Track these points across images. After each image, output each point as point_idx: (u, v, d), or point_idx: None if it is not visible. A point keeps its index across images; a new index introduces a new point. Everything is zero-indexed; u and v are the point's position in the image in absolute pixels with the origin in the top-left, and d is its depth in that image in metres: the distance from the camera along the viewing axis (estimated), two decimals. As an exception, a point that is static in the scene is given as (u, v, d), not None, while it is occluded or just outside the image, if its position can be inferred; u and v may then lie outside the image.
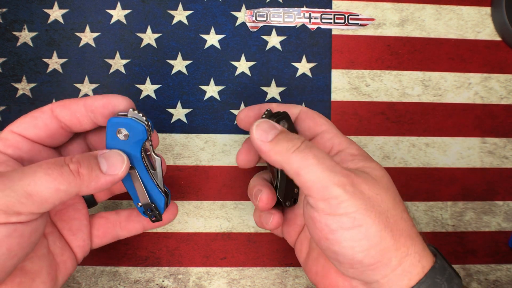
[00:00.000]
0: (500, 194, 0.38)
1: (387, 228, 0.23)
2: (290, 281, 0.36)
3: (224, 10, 0.38)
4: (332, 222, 0.23)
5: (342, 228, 0.23)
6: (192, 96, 0.38)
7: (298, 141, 0.25)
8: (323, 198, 0.23)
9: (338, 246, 0.24)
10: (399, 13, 0.39)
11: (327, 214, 0.23)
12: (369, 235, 0.23)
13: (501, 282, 0.38)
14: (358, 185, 0.24)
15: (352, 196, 0.23)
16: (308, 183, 0.24)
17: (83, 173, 0.23)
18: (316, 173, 0.23)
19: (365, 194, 0.24)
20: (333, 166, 0.24)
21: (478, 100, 0.39)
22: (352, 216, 0.23)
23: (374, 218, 0.23)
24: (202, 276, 0.36)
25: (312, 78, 0.38)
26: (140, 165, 0.26)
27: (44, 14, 0.37)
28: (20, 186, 0.21)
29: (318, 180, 0.23)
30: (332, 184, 0.23)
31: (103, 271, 0.36)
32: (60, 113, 0.26)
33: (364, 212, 0.23)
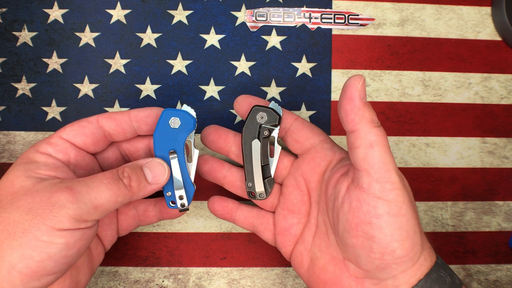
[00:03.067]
0: (500, 194, 0.38)
1: (418, 224, 0.25)
2: (290, 281, 0.36)
3: (224, 10, 0.38)
4: (381, 206, 0.24)
5: (389, 213, 0.24)
6: (192, 96, 0.38)
7: (379, 122, 0.26)
8: (380, 180, 0.24)
9: (379, 232, 0.24)
10: (399, 13, 0.39)
11: (377, 198, 0.24)
12: (408, 226, 0.24)
13: (501, 282, 0.38)
14: (404, 179, 0.26)
15: (403, 187, 0.25)
16: (374, 160, 0.24)
17: (133, 186, 0.27)
18: (386, 154, 0.24)
19: (407, 189, 0.25)
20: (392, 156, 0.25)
21: (478, 100, 0.39)
22: (399, 204, 0.24)
23: (413, 212, 0.25)
24: (202, 276, 0.36)
25: (312, 78, 0.38)
26: (181, 154, 0.30)
27: (44, 14, 0.37)
28: (89, 200, 0.24)
29: (385, 162, 0.24)
30: (394, 170, 0.24)
31: (103, 271, 0.36)
32: (106, 124, 0.29)
33: (409, 204, 0.25)
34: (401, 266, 0.25)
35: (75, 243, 0.24)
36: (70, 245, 0.24)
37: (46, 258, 0.23)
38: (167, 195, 0.30)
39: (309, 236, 0.30)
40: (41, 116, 0.37)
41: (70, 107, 0.37)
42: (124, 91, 0.37)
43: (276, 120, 0.30)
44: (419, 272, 0.25)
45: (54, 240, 0.23)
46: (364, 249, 0.25)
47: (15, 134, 0.36)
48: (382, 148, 0.24)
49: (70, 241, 0.24)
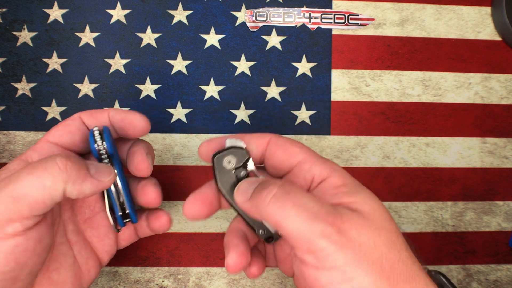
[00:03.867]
0: (500, 194, 0.38)
1: (382, 277, 0.21)
2: (290, 281, 0.36)
3: (224, 10, 0.38)
4: (322, 277, 0.21)
5: (333, 283, 0.21)
6: (192, 96, 0.38)
7: (274, 186, 0.22)
8: (309, 251, 0.21)
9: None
10: (399, 13, 0.39)
11: (316, 269, 0.21)
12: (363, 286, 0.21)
13: (501, 282, 0.38)
14: (346, 232, 0.21)
15: (339, 247, 0.21)
16: (290, 235, 0.22)
17: (71, 167, 0.23)
18: (297, 224, 0.21)
19: (354, 242, 0.21)
20: (316, 212, 0.21)
21: (478, 100, 0.39)
22: (341, 269, 0.21)
23: (366, 268, 0.21)
24: (202, 276, 0.36)
25: (312, 78, 0.38)
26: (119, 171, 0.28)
27: (44, 14, 0.37)
28: (5, 193, 0.21)
29: (300, 232, 0.21)
30: (316, 236, 0.21)
31: (103, 271, 0.36)
32: (87, 120, 0.27)
33: (355, 264, 0.21)
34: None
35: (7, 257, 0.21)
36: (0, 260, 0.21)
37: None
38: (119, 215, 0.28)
39: None
40: (41, 116, 0.37)
41: (70, 107, 0.37)
42: (124, 91, 0.37)
43: (244, 155, 0.26)
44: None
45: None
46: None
47: (15, 134, 0.36)
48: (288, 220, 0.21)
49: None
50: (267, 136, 0.27)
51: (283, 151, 0.26)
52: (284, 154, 0.26)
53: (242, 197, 0.24)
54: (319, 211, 0.21)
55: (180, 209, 0.37)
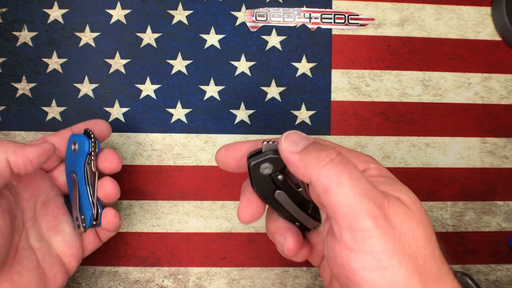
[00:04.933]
0: (500, 194, 0.38)
1: (415, 273, 0.20)
2: (290, 281, 0.36)
3: (224, 10, 0.38)
4: (354, 260, 0.20)
5: (365, 269, 0.20)
6: (192, 96, 0.38)
7: (333, 152, 0.21)
8: (349, 228, 0.20)
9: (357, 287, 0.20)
10: (399, 13, 0.39)
11: (350, 250, 0.20)
12: (394, 281, 0.20)
13: (501, 282, 0.38)
14: (390, 218, 0.20)
15: (382, 232, 0.20)
16: (336, 206, 0.20)
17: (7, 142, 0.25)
18: (347, 196, 0.20)
19: (396, 230, 0.20)
20: (368, 190, 0.20)
21: (478, 100, 0.39)
22: (377, 256, 0.20)
23: (402, 261, 0.20)
24: (202, 276, 0.36)
25: (312, 78, 0.38)
26: (81, 174, 0.30)
27: (44, 14, 0.37)
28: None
29: (348, 205, 0.20)
30: (363, 213, 0.20)
31: (103, 271, 0.36)
32: (52, 139, 0.30)
33: (392, 254, 0.20)
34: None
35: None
36: None
37: None
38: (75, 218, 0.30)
39: None
40: (41, 116, 0.37)
41: (70, 107, 0.37)
42: (124, 91, 0.37)
43: (281, 162, 0.24)
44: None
45: None
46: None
47: (15, 134, 0.36)
48: (340, 189, 0.20)
49: None
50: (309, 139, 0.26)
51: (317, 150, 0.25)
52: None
53: (291, 147, 0.23)
54: (371, 190, 0.21)
55: (180, 209, 0.37)
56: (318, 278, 0.37)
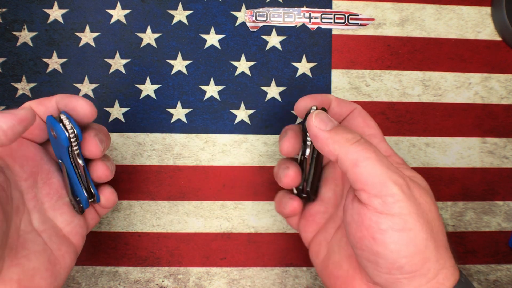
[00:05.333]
0: (500, 194, 0.38)
1: (432, 238, 0.23)
2: (290, 281, 0.36)
3: (224, 10, 0.38)
4: (384, 221, 0.23)
5: (393, 229, 0.23)
6: (192, 96, 0.38)
7: (357, 135, 0.25)
8: (379, 195, 0.23)
9: (384, 248, 0.23)
10: (399, 13, 0.39)
11: (379, 213, 0.23)
12: (416, 241, 0.23)
13: (501, 282, 0.38)
14: (412, 189, 0.24)
15: (407, 198, 0.23)
16: (365, 177, 0.23)
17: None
18: (375, 167, 0.23)
19: (417, 199, 0.23)
20: (390, 164, 0.24)
21: (478, 100, 0.39)
22: (404, 218, 0.23)
23: (423, 224, 0.23)
24: (202, 276, 0.36)
25: (312, 78, 0.38)
26: (68, 163, 0.28)
27: (44, 14, 0.37)
28: None
29: (377, 175, 0.23)
30: (391, 182, 0.23)
31: (103, 271, 0.36)
32: (36, 109, 0.27)
33: (416, 217, 0.23)
34: (412, 282, 0.23)
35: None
36: None
37: None
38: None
39: (331, 228, 0.29)
40: (41, 116, 0.37)
41: (70, 107, 0.37)
42: (124, 91, 0.37)
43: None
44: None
45: None
46: (370, 263, 0.24)
47: (15, 134, 0.36)
48: (368, 162, 0.23)
49: None
50: (354, 105, 0.30)
51: (363, 120, 0.29)
52: (362, 122, 0.29)
53: (321, 124, 0.25)
54: (392, 166, 0.24)
55: (180, 209, 0.37)
56: (318, 278, 0.37)
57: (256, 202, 0.37)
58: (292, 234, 0.37)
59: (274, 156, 0.37)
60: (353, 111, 0.30)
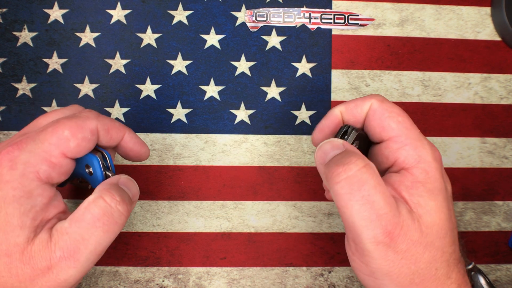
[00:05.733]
0: (500, 194, 0.38)
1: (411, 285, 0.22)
2: (290, 281, 0.36)
3: (224, 10, 0.38)
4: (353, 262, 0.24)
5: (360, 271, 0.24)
6: (192, 96, 0.38)
7: (354, 166, 0.22)
8: (355, 242, 0.23)
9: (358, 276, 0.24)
10: (399, 13, 0.39)
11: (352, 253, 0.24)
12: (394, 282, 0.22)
13: (501, 282, 0.38)
14: (396, 245, 0.22)
15: (381, 256, 0.22)
16: (344, 221, 0.23)
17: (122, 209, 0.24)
18: (354, 218, 0.21)
19: (398, 255, 0.22)
20: (380, 215, 0.21)
21: (478, 100, 0.39)
22: (371, 269, 0.23)
23: (395, 279, 0.22)
24: (202, 276, 0.36)
25: (312, 78, 0.38)
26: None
27: (44, 14, 0.37)
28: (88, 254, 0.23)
29: (354, 226, 0.22)
30: (365, 238, 0.21)
31: (103, 271, 0.36)
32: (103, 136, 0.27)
33: (386, 273, 0.22)
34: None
35: None
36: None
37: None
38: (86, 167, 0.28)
39: None
40: (41, 116, 0.37)
41: (70, 107, 0.37)
42: (124, 91, 0.37)
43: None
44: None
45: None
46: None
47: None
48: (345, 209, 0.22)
49: None
50: (370, 101, 0.26)
51: (378, 124, 0.25)
52: (378, 126, 0.25)
53: (320, 158, 0.24)
54: (383, 215, 0.21)
55: (180, 209, 0.37)
56: (318, 278, 0.37)
57: (256, 202, 0.37)
58: (292, 234, 0.37)
59: (274, 156, 0.37)
60: (369, 111, 0.26)
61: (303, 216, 0.37)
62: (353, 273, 0.36)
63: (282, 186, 0.37)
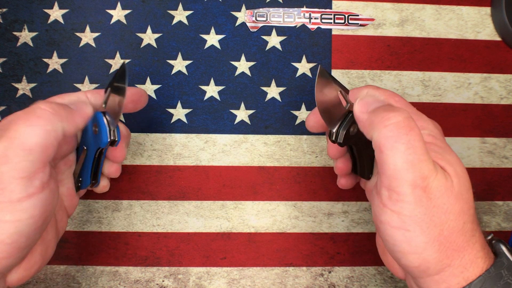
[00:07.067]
0: (500, 194, 0.38)
1: (435, 241, 0.22)
2: (290, 281, 0.36)
3: (224, 10, 0.38)
4: (383, 214, 0.23)
5: (390, 224, 0.23)
6: (192, 96, 0.38)
7: (402, 114, 0.23)
8: (389, 188, 0.23)
9: (383, 235, 0.24)
10: (399, 13, 0.39)
11: (383, 205, 0.23)
12: (412, 242, 0.22)
13: (501, 282, 0.38)
14: (431, 190, 0.22)
15: (415, 201, 0.22)
16: (384, 165, 0.22)
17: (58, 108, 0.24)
18: (397, 160, 0.22)
19: (431, 202, 0.22)
20: (420, 160, 0.22)
21: (478, 100, 0.39)
22: (403, 218, 0.22)
23: (425, 229, 0.22)
24: (202, 276, 0.36)
25: (312, 78, 0.38)
26: (91, 153, 0.29)
27: (44, 14, 0.37)
28: (17, 147, 0.22)
29: (395, 169, 0.22)
30: (404, 180, 0.22)
31: (103, 271, 0.36)
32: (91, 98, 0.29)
33: (418, 221, 0.22)
34: (413, 273, 0.24)
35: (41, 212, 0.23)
36: (36, 216, 0.22)
37: (17, 238, 0.22)
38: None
39: None
40: (41, 116, 0.37)
41: (71, 107, 0.37)
42: (124, 91, 0.37)
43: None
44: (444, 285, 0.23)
45: (19, 217, 0.21)
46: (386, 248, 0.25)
47: (16, 134, 0.37)
48: (393, 151, 0.22)
49: (34, 212, 0.22)
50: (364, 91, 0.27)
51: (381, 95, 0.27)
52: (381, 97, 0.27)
53: (363, 107, 0.25)
54: (423, 161, 0.22)
55: (180, 209, 0.37)
56: (318, 278, 0.37)
57: (256, 202, 0.37)
58: (292, 234, 0.37)
59: (274, 156, 0.37)
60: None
61: (303, 216, 0.37)
62: (353, 273, 0.36)
63: (282, 186, 0.37)
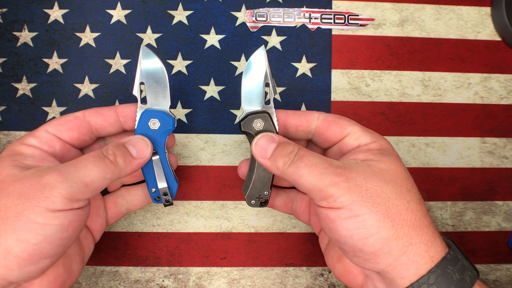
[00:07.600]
0: (500, 194, 0.38)
1: (386, 218, 0.25)
2: (290, 281, 0.36)
3: (224, 10, 0.38)
4: (331, 213, 0.25)
5: (340, 218, 0.25)
6: (192, 96, 0.38)
7: (292, 153, 0.27)
8: (323, 198, 0.26)
9: (338, 235, 0.25)
10: (399, 13, 0.39)
11: (328, 209, 0.26)
12: (366, 224, 0.24)
13: (501, 282, 0.38)
14: (353, 179, 0.25)
15: (346, 191, 0.25)
16: (306, 189, 0.26)
17: (119, 161, 0.27)
18: (309, 180, 0.26)
19: (361, 187, 0.25)
20: (324, 168, 0.26)
21: (478, 100, 0.39)
22: (348, 208, 0.25)
23: (371, 207, 0.24)
24: (202, 276, 0.36)
25: (312, 78, 0.38)
26: (163, 153, 0.30)
27: (44, 14, 0.37)
28: (78, 178, 0.25)
29: (313, 186, 0.26)
30: (326, 186, 0.25)
31: (103, 271, 0.36)
32: (92, 119, 0.30)
33: (360, 203, 0.25)
34: (380, 260, 0.25)
35: (69, 224, 0.24)
36: (64, 226, 0.24)
37: (42, 241, 0.23)
38: (151, 192, 0.31)
39: None
40: (41, 116, 0.37)
41: (71, 107, 0.37)
42: (124, 91, 0.37)
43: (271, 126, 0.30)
44: (413, 267, 0.24)
45: (49, 221, 0.23)
46: (341, 250, 0.27)
47: (16, 134, 0.37)
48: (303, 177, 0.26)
49: (64, 222, 0.24)
50: (316, 114, 0.30)
51: (336, 125, 0.30)
52: (337, 129, 0.30)
53: (262, 154, 0.28)
54: (328, 167, 0.26)
55: (181, 209, 0.37)
56: (318, 278, 0.37)
57: (256, 202, 0.37)
58: (292, 234, 0.37)
59: (274, 156, 0.37)
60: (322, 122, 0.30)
61: (303, 216, 0.37)
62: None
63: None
